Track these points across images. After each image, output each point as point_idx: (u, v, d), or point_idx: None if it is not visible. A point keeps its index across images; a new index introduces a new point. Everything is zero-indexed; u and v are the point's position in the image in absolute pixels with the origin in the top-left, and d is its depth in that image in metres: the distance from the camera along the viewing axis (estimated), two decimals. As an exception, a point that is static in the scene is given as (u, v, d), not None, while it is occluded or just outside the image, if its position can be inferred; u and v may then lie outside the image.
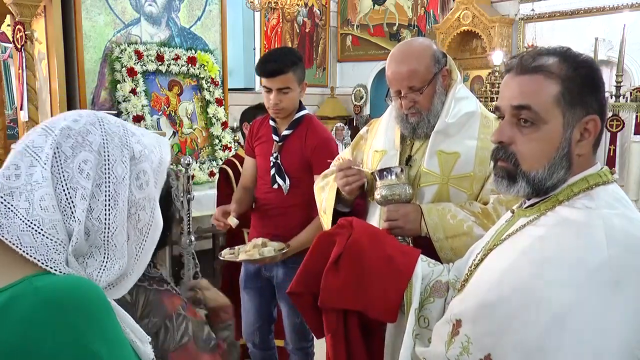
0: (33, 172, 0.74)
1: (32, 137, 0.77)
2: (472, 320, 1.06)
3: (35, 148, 0.76)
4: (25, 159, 0.75)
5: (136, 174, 0.81)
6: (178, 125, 4.43)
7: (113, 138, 0.80)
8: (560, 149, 1.02)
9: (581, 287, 0.91)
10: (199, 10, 4.69)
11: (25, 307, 0.67)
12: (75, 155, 0.76)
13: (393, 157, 1.73)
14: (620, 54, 4.45)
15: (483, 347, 1.01)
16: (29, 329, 0.66)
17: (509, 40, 6.47)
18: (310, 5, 8.03)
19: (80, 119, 0.80)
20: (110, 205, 0.77)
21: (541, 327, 0.92)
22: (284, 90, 2.25)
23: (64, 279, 0.72)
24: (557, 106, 1.01)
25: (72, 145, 0.76)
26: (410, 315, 1.25)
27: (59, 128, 0.77)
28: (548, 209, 1.05)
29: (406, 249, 1.41)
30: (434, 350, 1.14)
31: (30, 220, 0.72)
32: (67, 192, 0.74)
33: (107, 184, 0.77)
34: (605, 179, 1.04)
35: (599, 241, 0.94)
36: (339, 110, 8.25)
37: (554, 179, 1.04)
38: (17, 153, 0.76)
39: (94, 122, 0.80)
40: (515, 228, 1.10)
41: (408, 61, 1.63)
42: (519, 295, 0.98)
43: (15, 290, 0.69)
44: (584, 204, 1.01)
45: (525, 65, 1.04)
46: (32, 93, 3.85)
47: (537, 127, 1.02)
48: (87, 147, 0.77)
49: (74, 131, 0.77)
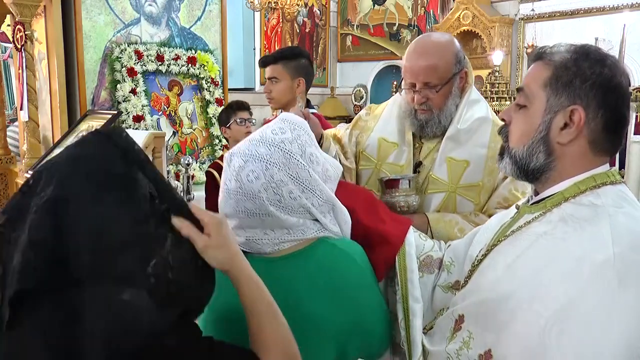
0: (271, 224, 1.10)
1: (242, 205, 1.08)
2: (474, 316, 1.06)
3: (255, 210, 1.07)
4: (256, 219, 1.09)
5: (308, 158, 1.12)
6: (178, 125, 4.43)
7: (280, 161, 1.09)
8: (538, 131, 1.05)
9: (584, 284, 0.91)
10: (199, 10, 4.68)
11: (332, 256, 1.11)
12: (282, 195, 1.08)
13: (405, 152, 1.68)
14: (620, 54, 4.45)
15: (484, 343, 1.01)
16: (332, 269, 1.10)
17: (509, 40, 6.47)
18: (310, 5, 8.03)
19: (256, 173, 1.07)
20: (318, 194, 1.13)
21: (543, 323, 0.92)
22: (273, 80, 2.45)
23: (341, 239, 1.18)
24: (543, 90, 1.04)
25: (275, 191, 1.08)
26: (409, 282, 1.24)
27: (257, 190, 1.07)
28: (554, 206, 1.04)
29: (398, 217, 1.38)
30: (437, 349, 1.14)
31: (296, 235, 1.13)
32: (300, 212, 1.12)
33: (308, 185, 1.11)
34: (614, 179, 1.04)
35: (604, 239, 0.93)
36: (339, 110, 8.25)
37: (534, 162, 1.06)
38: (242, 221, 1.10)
39: (264, 167, 1.07)
40: (520, 224, 1.10)
41: (429, 55, 1.57)
42: (522, 291, 0.98)
43: (318, 247, 1.12)
44: (590, 201, 1.01)
45: (538, 53, 1.09)
46: (32, 93, 3.85)
47: (526, 109, 1.07)
48: (282, 184, 1.08)
49: (265, 184, 1.07)
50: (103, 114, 3.76)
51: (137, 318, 0.74)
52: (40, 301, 0.73)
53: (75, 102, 4.02)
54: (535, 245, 1.02)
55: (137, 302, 0.75)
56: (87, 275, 0.73)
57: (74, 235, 0.74)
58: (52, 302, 0.73)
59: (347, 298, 1.08)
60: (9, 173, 4.46)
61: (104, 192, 0.78)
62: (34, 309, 0.73)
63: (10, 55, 6.51)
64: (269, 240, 1.10)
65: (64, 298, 0.73)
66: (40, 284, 0.72)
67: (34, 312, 0.73)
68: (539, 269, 0.98)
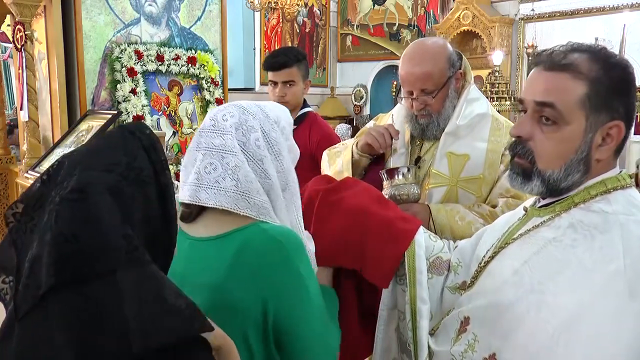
0: (228, 161, 1.09)
1: (209, 141, 1.11)
2: (480, 319, 1.05)
3: (219, 146, 1.10)
4: (215, 155, 1.10)
5: (281, 129, 1.17)
6: (178, 125, 4.44)
7: (258, 114, 1.15)
8: (579, 152, 0.99)
9: (595, 294, 0.90)
10: (199, 10, 4.68)
11: (259, 242, 1.08)
12: (249, 138, 1.11)
13: (402, 155, 1.72)
14: (620, 54, 4.45)
15: (489, 347, 1.00)
16: (262, 255, 1.07)
17: (509, 40, 6.47)
18: (310, 5, 8.04)
19: (232, 113, 1.14)
20: (280, 160, 1.16)
21: (551, 331, 0.91)
22: (289, 83, 2.39)
23: (278, 225, 1.12)
24: (582, 108, 0.97)
25: (243, 133, 1.11)
26: (418, 283, 1.22)
27: (229, 127, 1.12)
28: (563, 211, 1.02)
29: (408, 216, 1.37)
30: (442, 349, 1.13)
31: (241, 191, 1.09)
32: (258, 164, 1.12)
33: (274, 146, 1.15)
34: (624, 183, 1.01)
35: (616, 248, 0.92)
36: (339, 110, 8.26)
37: (569, 181, 1.01)
38: (203, 156, 1.11)
39: (241, 112, 1.14)
40: (528, 227, 1.08)
41: (422, 62, 1.60)
42: (530, 298, 0.96)
43: (249, 231, 1.09)
44: (600, 208, 0.98)
45: (555, 61, 1.00)
46: (32, 93, 3.85)
47: (559, 127, 0.99)
48: (252, 130, 1.12)
49: (238, 123, 1.12)
50: (103, 114, 3.76)
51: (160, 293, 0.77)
52: (62, 292, 0.73)
53: (75, 102, 4.02)
54: (544, 251, 1.00)
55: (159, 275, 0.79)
56: (117, 261, 0.75)
57: (101, 224, 0.75)
58: (78, 293, 0.73)
59: (266, 281, 1.08)
60: (9, 173, 4.46)
61: (124, 183, 0.80)
62: (57, 300, 0.73)
63: (10, 55, 6.52)
64: (215, 177, 1.10)
65: (94, 287, 0.73)
66: (72, 276, 0.73)
67: (57, 304, 0.73)
68: (547, 275, 0.96)
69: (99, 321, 0.72)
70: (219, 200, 1.08)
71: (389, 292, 1.31)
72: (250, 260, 1.07)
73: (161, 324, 0.74)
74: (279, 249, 1.08)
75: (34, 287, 0.74)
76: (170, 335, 0.75)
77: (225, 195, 1.08)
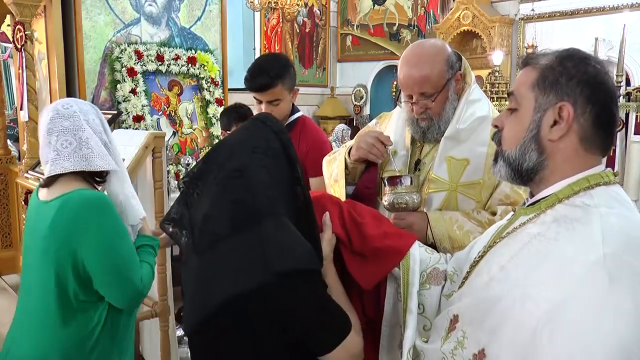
0: (81, 135, 1.59)
1: (59, 125, 1.58)
2: (469, 316, 1.07)
3: (70, 127, 1.58)
4: (68, 133, 1.57)
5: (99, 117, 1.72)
6: (178, 125, 4.44)
7: (85, 104, 1.69)
8: (529, 130, 1.06)
9: (575, 284, 0.92)
10: (199, 10, 4.69)
11: (73, 202, 1.54)
12: (88, 118, 1.64)
13: (403, 157, 1.71)
14: (620, 54, 4.45)
15: (478, 342, 1.02)
16: (73, 212, 1.53)
17: (509, 40, 6.47)
18: (310, 5, 8.04)
19: (70, 104, 1.63)
20: (111, 138, 1.75)
21: (535, 322, 0.92)
22: (274, 103, 2.26)
23: (93, 191, 1.61)
24: (531, 91, 1.07)
25: (85, 115, 1.63)
26: (409, 296, 1.26)
27: (73, 112, 1.61)
28: (548, 207, 1.06)
29: (403, 232, 1.39)
30: (432, 346, 1.15)
31: (97, 154, 1.60)
32: (99, 135, 1.67)
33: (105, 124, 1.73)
34: (607, 180, 1.04)
35: (595, 239, 0.94)
36: (339, 110, 8.25)
37: (527, 161, 1.07)
38: (57, 137, 1.58)
39: (74, 102, 1.66)
40: (515, 226, 1.11)
41: (420, 66, 1.58)
42: (514, 291, 0.98)
43: (70, 194, 1.55)
44: (583, 202, 1.02)
45: (525, 59, 1.13)
46: (32, 93, 3.85)
47: (517, 111, 1.10)
48: (89, 112, 1.66)
49: (79, 109, 1.64)
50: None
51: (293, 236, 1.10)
52: (233, 237, 1.08)
53: (75, 102, 4.02)
54: (528, 246, 1.03)
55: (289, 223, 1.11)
56: (264, 212, 1.08)
57: (255, 186, 1.10)
58: (242, 238, 1.08)
59: (76, 232, 1.52)
60: (9, 173, 4.47)
61: (267, 158, 1.14)
62: (228, 242, 1.08)
63: (10, 55, 6.53)
64: (73, 149, 1.56)
65: (249, 234, 1.07)
66: (239, 227, 1.08)
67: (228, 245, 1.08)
68: (531, 269, 0.99)
69: (250, 254, 1.06)
70: (75, 165, 1.55)
71: (390, 309, 1.34)
72: (65, 216, 1.52)
73: (292, 254, 1.06)
74: (86, 208, 1.53)
75: (209, 233, 1.10)
76: (300, 263, 1.07)
77: (81, 160, 1.56)
